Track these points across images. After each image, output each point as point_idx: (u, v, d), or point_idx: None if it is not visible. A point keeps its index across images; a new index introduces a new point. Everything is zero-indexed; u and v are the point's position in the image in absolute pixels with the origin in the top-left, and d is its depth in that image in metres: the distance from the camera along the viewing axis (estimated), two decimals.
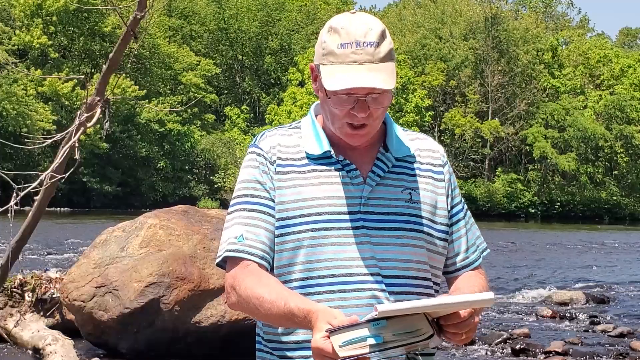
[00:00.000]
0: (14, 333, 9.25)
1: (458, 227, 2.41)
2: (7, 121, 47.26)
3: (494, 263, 21.17)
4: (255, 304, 2.19)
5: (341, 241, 2.25)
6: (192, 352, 8.57)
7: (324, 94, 2.27)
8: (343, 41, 2.22)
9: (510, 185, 60.44)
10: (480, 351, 10.28)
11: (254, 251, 2.26)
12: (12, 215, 7.15)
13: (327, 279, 2.24)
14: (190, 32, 64.83)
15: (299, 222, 2.26)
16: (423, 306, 2.02)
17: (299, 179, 2.30)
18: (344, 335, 1.98)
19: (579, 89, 63.79)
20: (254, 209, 2.29)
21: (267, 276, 2.24)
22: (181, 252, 8.55)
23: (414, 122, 55.55)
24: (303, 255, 2.25)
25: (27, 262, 15.16)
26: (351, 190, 2.28)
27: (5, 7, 55.24)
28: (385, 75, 2.21)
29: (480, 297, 2.06)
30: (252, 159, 2.35)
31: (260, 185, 2.31)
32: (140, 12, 7.52)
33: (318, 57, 2.28)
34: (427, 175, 2.37)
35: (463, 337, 2.11)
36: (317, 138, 2.34)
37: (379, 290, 2.23)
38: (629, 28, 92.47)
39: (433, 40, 63.61)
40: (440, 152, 2.43)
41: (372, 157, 2.33)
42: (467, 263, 2.43)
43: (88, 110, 7.49)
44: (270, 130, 2.39)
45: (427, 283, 2.32)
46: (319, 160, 2.31)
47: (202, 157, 58.09)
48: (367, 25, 2.23)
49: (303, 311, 2.09)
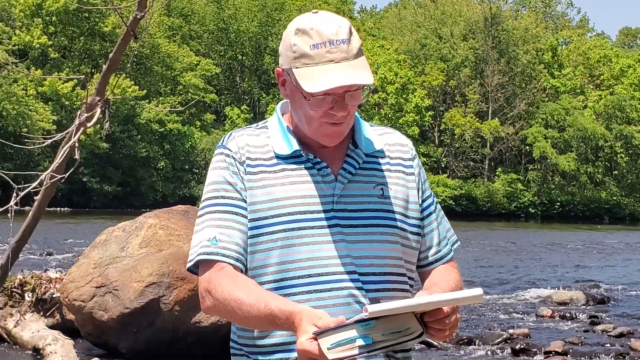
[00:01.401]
0: (14, 333, 9.25)
1: (430, 220, 2.39)
2: (7, 121, 47.26)
3: (494, 263, 21.18)
4: (233, 306, 2.15)
5: (316, 240, 2.22)
6: (192, 352, 8.57)
7: (299, 97, 2.23)
8: (315, 42, 2.18)
9: (510, 185, 60.43)
10: (480, 351, 10.28)
11: (229, 253, 2.21)
12: (12, 215, 7.14)
13: (303, 279, 2.20)
14: (189, 32, 64.82)
15: (271, 223, 2.22)
16: (412, 305, 1.99)
17: (270, 178, 2.26)
18: (331, 337, 1.94)
19: (578, 89, 63.79)
20: (226, 210, 2.25)
21: (244, 278, 2.20)
22: (181, 252, 8.55)
23: (413, 122, 55.55)
24: (277, 256, 2.21)
25: (27, 262, 15.17)
26: (323, 188, 2.25)
27: (5, 7, 55.24)
28: (362, 70, 2.19)
29: (470, 294, 2.03)
30: (221, 160, 2.30)
31: (231, 186, 2.26)
32: (140, 12, 7.51)
33: (287, 60, 2.23)
34: (398, 169, 2.35)
35: (446, 333, 2.09)
36: (285, 138, 2.30)
37: (355, 288, 2.21)
38: (629, 28, 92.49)
39: (433, 40, 63.61)
40: (409, 145, 2.40)
41: (342, 155, 2.30)
42: (440, 256, 2.40)
43: (88, 110, 7.48)
44: (238, 131, 2.35)
45: (402, 279, 2.31)
46: (289, 159, 2.28)
47: (202, 157, 58.06)
48: (335, 24, 2.20)
49: (285, 313, 2.06)
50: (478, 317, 12.48)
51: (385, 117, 55.12)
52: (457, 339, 10.61)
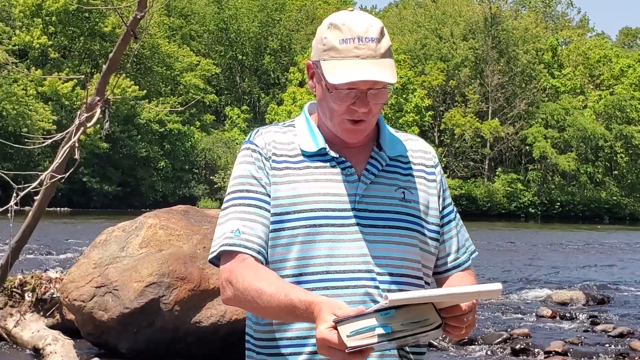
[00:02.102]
0: (14, 333, 9.25)
1: (449, 227, 2.42)
2: (7, 121, 47.27)
3: (494, 263, 21.17)
4: (253, 296, 2.17)
5: (335, 238, 2.24)
6: (192, 352, 8.56)
7: (323, 90, 2.27)
8: (345, 37, 2.23)
9: (510, 185, 60.45)
10: (480, 351, 10.28)
11: (251, 245, 2.25)
12: (12, 215, 7.14)
13: (320, 275, 2.23)
14: (189, 32, 64.83)
15: (293, 218, 2.25)
16: (433, 295, 2.01)
17: (294, 175, 2.29)
18: (351, 325, 1.95)
19: (578, 89, 63.80)
20: (250, 203, 2.28)
21: (265, 269, 2.22)
22: (181, 252, 8.55)
23: (413, 122, 55.54)
24: (297, 251, 2.24)
25: (27, 262, 15.16)
26: (346, 187, 2.28)
27: (5, 7, 55.24)
28: (387, 69, 2.23)
29: (489, 288, 2.05)
30: (247, 154, 2.34)
31: (256, 180, 2.30)
32: (140, 12, 7.51)
33: (317, 53, 2.28)
34: (420, 175, 2.38)
35: (463, 331, 2.11)
36: (312, 135, 2.34)
37: (372, 287, 2.23)
38: (629, 28, 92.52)
39: (433, 40, 63.63)
40: (431, 153, 2.44)
41: (366, 156, 2.33)
42: (458, 264, 2.45)
43: (88, 110, 7.48)
44: (265, 127, 2.39)
45: (419, 282, 2.33)
46: (314, 157, 2.31)
47: (202, 157, 58.10)
48: (367, 22, 2.25)
49: (305, 303, 2.07)
50: (478, 317, 12.49)
51: (385, 117, 55.08)
52: (457, 339, 10.61)
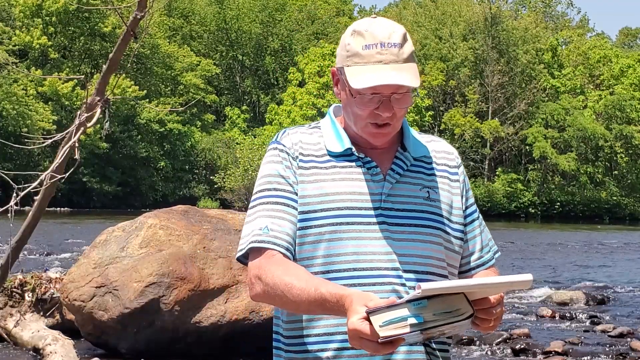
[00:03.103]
0: (14, 333, 9.25)
1: (473, 227, 2.46)
2: (7, 121, 47.29)
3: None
4: (283, 290, 2.19)
5: (362, 236, 2.28)
6: (192, 352, 8.56)
7: (347, 95, 2.31)
8: (368, 42, 2.27)
9: (510, 185, 60.46)
10: (480, 351, 10.28)
11: (279, 242, 2.28)
12: (12, 215, 7.14)
13: (347, 272, 2.26)
14: (190, 33, 64.84)
15: (320, 216, 2.29)
16: (465, 285, 2.03)
17: (321, 174, 2.34)
18: (383, 315, 1.97)
19: (578, 89, 63.80)
20: (278, 201, 2.32)
21: (294, 265, 2.26)
22: (181, 252, 8.55)
23: (414, 122, 55.56)
24: (324, 249, 2.28)
25: (27, 262, 15.17)
26: (372, 186, 2.33)
27: (5, 7, 55.24)
28: (409, 74, 2.28)
29: (520, 278, 2.06)
30: (275, 154, 2.38)
31: (283, 179, 2.34)
32: (140, 12, 7.51)
33: (341, 59, 2.33)
34: (443, 175, 2.43)
35: (491, 324, 2.16)
36: (338, 136, 2.38)
37: (398, 284, 2.26)
38: (629, 28, 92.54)
39: (433, 40, 63.63)
40: (454, 154, 2.51)
41: (391, 156, 2.38)
42: (482, 262, 2.49)
43: (88, 110, 7.48)
44: (292, 129, 2.44)
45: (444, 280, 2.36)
46: (340, 157, 2.36)
47: (202, 157, 58.11)
48: (390, 28, 2.30)
49: (335, 296, 2.10)
50: None
51: None
52: (457, 339, 10.60)
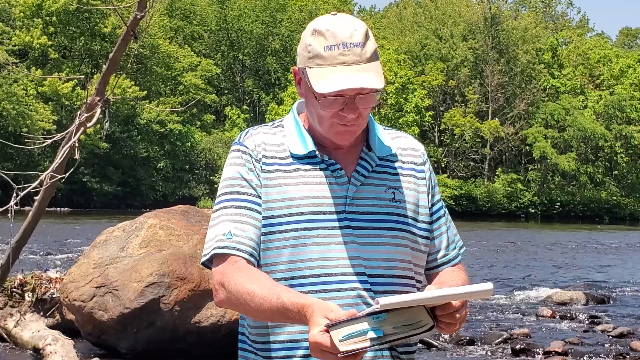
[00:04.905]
0: (14, 333, 9.25)
1: (439, 224, 2.42)
2: (7, 121, 47.28)
3: (495, 263, 21.18)
4: (246, 299, 2.17)
5: (326, 241, 2.24)
6: (192, 352, 8.57)
7: (311, 97, 2.26)
8: (329, 43, 2.21)
9: (510, 185, 60.42)
10: (481, 351, 10.28)
11: (243, 247, 2.24)
12: (12, 215, 7.14)
13: (312, 278, 2.23)
14: (191, 33, 64.84)
15: (284, 222, 2.25)
16: (424, 298, 2.01)
17: (284, 177, 2.29)
18: (343, 329, 1.96)
19: (578, 89, 63.77)
20: (241, 205, 2.27)
21: (257, 272, 2.22)
22: (181, 252, 8.55)
23: (413, 122, 55.54)
24: (288, 255, 2.24)
25: (27, 262, 15.18)
26: (336, 190, 2.28)
27: (5, 7, 55.23)
28: (374, 74, 2.21)
29: (480, 288, 2.05)
30: (238, 156, 2.33)
31: (246, 182, 2.29)
32: (140, 12, 7.51)
33: (303, 60, 2.27)
34: (409, 174, 2.38)
35: (456, 327, 2.12)
36: (301, 138, 2.33)
37: (364, 289, 2.23)
38: (629, 28, 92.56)
39: (433, 40, 63.61)
40: (420, 150, 2.44)
41: (355, 157, 2.33)
42: (447, 259, 2.44)
43: (88, 110, 7.48)
44: (255, 129, 2.38)
45: (410, 282, 2.34)
46: (304, 159, 2.31)
47: (203, 157, 58.10)
48: (351, 26, 2.23)
49: (297, 305, 2.08)
50: (478, 317, 12.48)
51: (385, 117, 55.11)
52: (457, 339, 10.60)
